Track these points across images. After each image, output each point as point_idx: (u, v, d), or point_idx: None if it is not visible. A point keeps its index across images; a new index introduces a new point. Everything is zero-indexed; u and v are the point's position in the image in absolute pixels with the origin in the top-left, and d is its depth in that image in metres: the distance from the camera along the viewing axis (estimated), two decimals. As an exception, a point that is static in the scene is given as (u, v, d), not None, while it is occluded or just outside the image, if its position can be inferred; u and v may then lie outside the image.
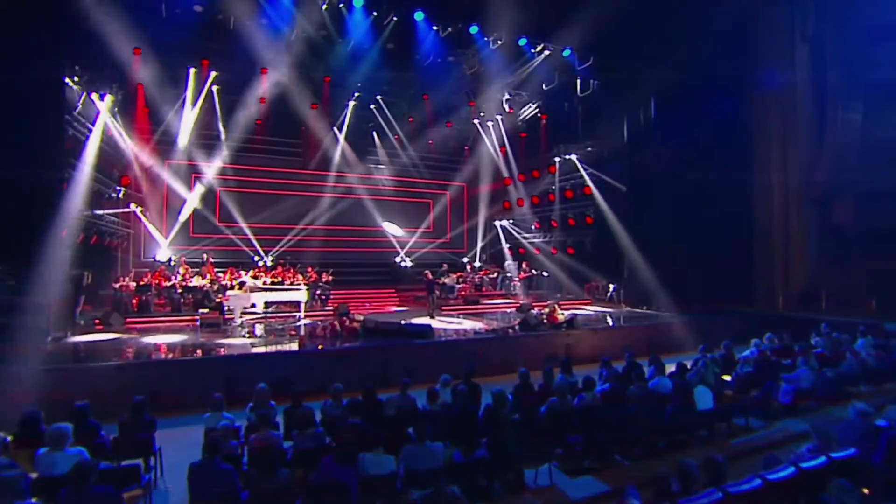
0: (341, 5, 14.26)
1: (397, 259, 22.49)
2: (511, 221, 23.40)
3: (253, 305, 13.64)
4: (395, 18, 14.81)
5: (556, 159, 20.61)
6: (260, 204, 20.37)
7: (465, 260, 23.66)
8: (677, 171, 16.67)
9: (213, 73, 16.73)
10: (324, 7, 14.13)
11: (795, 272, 17.38)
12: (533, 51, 16.73)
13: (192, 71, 16.56)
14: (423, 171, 23.18)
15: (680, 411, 6.58)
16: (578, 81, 17.73)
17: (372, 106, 20.11)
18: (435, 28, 15.32)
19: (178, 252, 18.58)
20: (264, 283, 15.47)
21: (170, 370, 8.98)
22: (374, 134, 21.79)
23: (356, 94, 19.30)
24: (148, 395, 8.16)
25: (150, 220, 18.15)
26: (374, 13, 14.64)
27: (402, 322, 12.14)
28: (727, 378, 8.73)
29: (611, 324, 14.53)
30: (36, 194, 10.84)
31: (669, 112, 16.73)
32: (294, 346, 11.21)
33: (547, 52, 16.73)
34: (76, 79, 12.55)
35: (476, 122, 22.33)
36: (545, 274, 19.95)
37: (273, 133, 19.82)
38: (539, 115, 21.20)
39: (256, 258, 19.67)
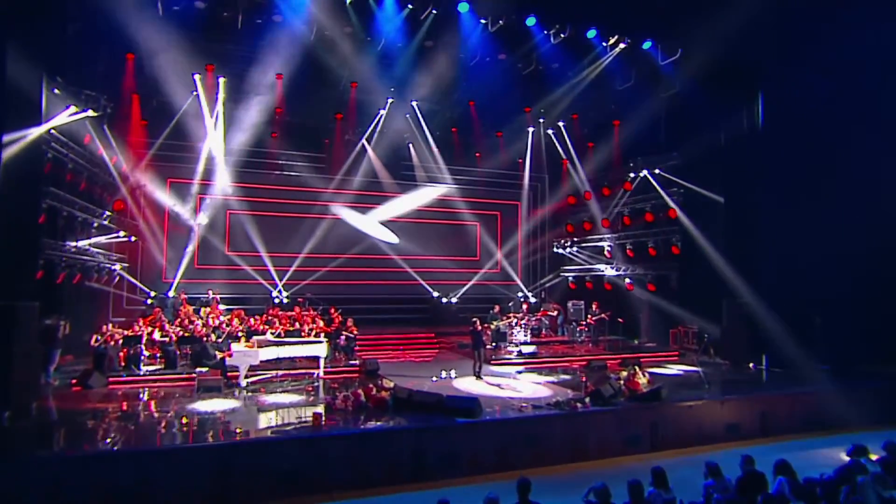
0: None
1: (436, 294, 22.12)
2: (577, 249, 22.59)
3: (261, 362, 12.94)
4: (434, 11, 14.60)
5: (632, 175, 19.58)
6: (275, 229, 20.16)
7: (520, 296, 22.80)
8: (794, 177, 15.05)
9: (222, 80, 16.81)
10: (348, 1, 13.85)
11: None
12: (605, 44, 16.33)
13: (198, 77, 16.59)
14: (469, 190, 22.76)
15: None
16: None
17: (407, 115, 19.94)
18: (483, 21, 15.00)
19: (179, 288, 18.28)
20: (276, 332, 14.71)
21: (147, 463, 8.14)
22: (410, 147, 21.58)
23: (388, 101, 19.15)
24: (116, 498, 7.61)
25: (147, 251, 17.95)
26: (410, 6, 14.49)
27: (442, 392, 11.06)
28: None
29: (709, 395, 12.76)
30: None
31: (789, 110, 15.14)
32: (307, 413, 10.73)
33: (622, 46, 16.19)
34: (57, 91, 12.23)
35: (531, 131, 21.90)
36: (620, 319, 18.53)
37: (291, 147, 19.69)
38: (611, 120, 20.40)
39: (274, 293, 19.53)
